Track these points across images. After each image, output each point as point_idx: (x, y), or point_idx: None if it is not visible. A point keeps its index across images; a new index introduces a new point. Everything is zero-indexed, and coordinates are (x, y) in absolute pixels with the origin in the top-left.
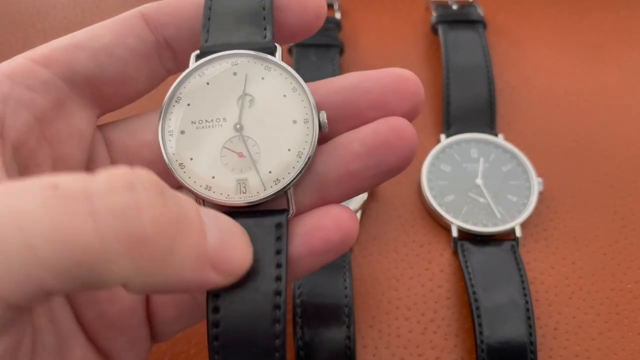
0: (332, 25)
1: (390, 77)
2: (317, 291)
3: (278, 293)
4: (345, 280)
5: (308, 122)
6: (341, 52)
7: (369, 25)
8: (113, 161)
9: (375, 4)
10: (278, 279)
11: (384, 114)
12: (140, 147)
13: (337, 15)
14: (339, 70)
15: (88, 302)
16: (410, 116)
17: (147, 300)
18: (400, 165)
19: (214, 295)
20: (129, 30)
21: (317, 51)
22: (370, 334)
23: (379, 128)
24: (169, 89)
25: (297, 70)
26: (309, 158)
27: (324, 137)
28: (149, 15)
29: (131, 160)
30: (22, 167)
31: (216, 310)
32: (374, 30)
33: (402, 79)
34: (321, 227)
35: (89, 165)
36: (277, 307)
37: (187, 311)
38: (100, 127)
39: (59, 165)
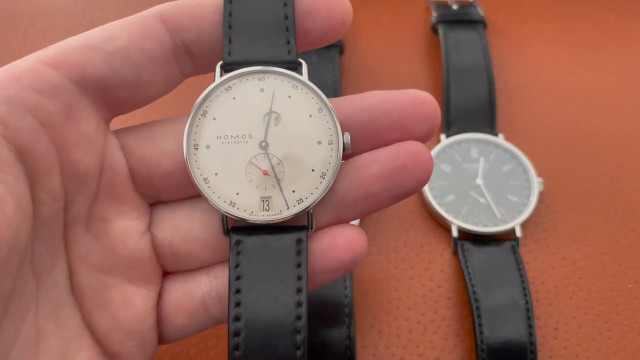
0: None
1: (409, 98)
2: (317, 291)
3: (299, 304)
4: (345, 280)
5: (332, 143)
6: (341, 52)
7: (369, 25)
8: (131, 169)
9: (375, 4)
10: (299, 290)
11: (403, 135)
12: (159, 157)
13: None
14: (339, 70)
15: (100, 306)
16: (426, 138)
17: (159, 307)
18: (416, 188)
19: (236, 303)
20: (146, 32)
21: (317, 51)
22: (370, 334)
23: (398, 152)
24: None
25: None
26: (332, 179)
27: (345, 156)
28: (168, 16)
29: (150, 169)
30: (30, 173)
31: (237, 319)
32: (374, 30)
33: (422, 101)
34: (335, 247)
35: (107, 174)
36: (298, 318)
37: (198, 320)
38: (115, 133)
39: (66, 171)
